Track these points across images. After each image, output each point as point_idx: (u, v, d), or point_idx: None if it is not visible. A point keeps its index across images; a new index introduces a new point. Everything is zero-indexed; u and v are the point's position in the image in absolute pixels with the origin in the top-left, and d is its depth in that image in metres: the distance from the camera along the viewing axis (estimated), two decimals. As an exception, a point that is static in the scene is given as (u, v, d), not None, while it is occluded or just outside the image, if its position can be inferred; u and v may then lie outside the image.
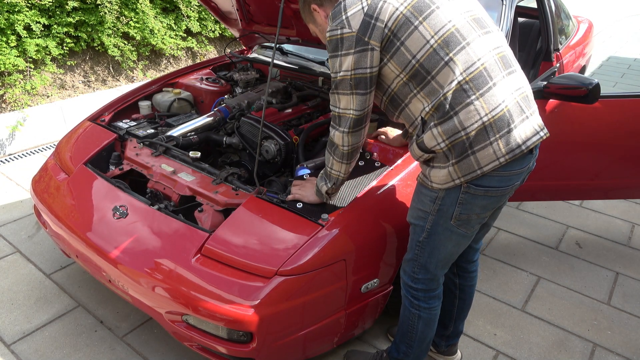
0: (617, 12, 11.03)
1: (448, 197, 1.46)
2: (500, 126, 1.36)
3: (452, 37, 1.35)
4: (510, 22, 2.58)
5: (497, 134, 1.36)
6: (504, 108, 1.36)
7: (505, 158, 1.38)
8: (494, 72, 1.38)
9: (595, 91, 2.20)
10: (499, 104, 1.36)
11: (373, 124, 2.25)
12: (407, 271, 1.66)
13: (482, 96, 1.35)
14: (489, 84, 1.36)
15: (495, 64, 1.39)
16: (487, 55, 1.38)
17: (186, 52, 5.21)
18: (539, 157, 1.54)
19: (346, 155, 1.54)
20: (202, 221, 1.81)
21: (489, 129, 1.35)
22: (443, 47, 1.34)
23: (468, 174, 1.40)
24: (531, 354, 2.09)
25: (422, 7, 1.35)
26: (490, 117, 1.35)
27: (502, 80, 1.38)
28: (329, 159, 1.60)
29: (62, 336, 2.07)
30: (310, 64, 2.82)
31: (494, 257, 2.70)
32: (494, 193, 1.45)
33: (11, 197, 3.09)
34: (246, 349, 1.59)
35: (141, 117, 2.58)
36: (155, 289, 1.65)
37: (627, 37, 8.61)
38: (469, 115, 1.35)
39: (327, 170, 1.62)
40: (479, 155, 1.37)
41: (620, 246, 2.86)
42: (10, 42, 3.63)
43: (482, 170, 1.39)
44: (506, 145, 1.37)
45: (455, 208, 1.46)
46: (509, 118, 1.37)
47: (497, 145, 1.37)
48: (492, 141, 1.36)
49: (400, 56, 1.36)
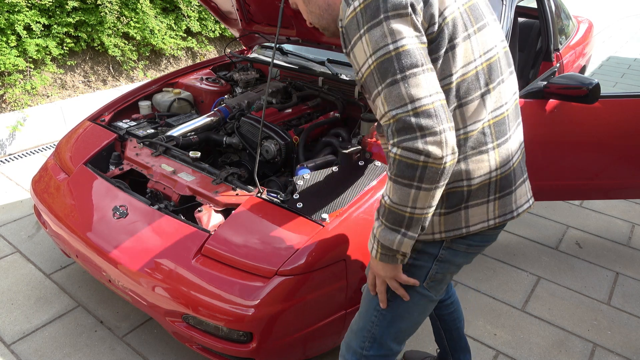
0: (617, 12, 11.03)
1: (426, 250, 1.21)
2: (504, 185, 1.17)
3: (495, 66, 1.13)
4: (510, 22, 2.58)
5: (497, 193, 1.17)
6: (512, 165, 1.18)
7: (495, 222, 1.19)
8: (511, 122, 1.18)
9: (595, 91, 2.20)
10: (510, 159, 1.17)
11: (373, 124, 2.25)
12: (353, 346, 1.31)
13: (499, 147, 1.14)
14: (507, 135, 1.16)
15: (514, 112, 1.19)
16: (511, 100, 1.18)
17: (186, 52, 5.21)
18: (539, 157, 1.54)
19: (447, 171, 1.00)
20: (202, 221, 1.81)
21: (493, 186, 1.16)
22: (486, 73, 1.11)
23: (452, 229, 1.17)
24: (531, 354, 2.09)
25: (477, 15, 1.11)
26: (499, 174, 1.15)
27: (515, 133, 1.20)
28: (406, 197, 1.01)
29: (62, 336, 2.07)
30: (310, 64, 2.82)
31: (494, 257, 2.70)
32: (474, 250, 1.25)
33: (11, 197, 3.08)
34: (246, 349, 1.59)
35: (141, 117, 2.58)
36: (155, 288, 1.65)
37: (627, 37, 8.61)
38: (479, 166, 1.13)
39: (407, 215, 1.04)
40: (471, 212, 1.17)
41: (620, 246, 2.86)
42: (10, 42, 3.63)
43: (468, 230, 1.18)
44: (501, 207, 1.19)
45: (432, 265, 1.22)
46: (513, 178, 1.19)
47: (492, 206, 1.18)
48: (490, 200, 1.17)
49: (443, 63, 1.05)
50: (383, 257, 1.11)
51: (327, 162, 2.10)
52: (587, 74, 5.57)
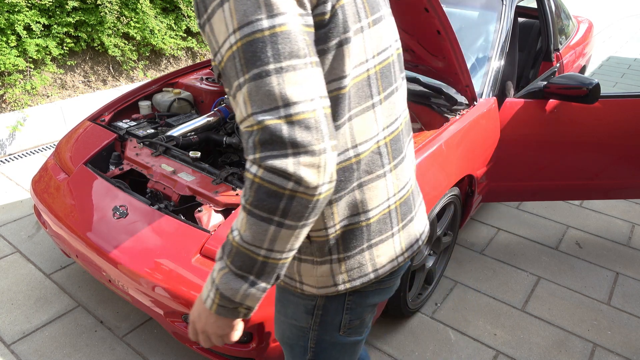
0: (617, 12, 11.03)
1: (330, 304, 0.99)
2: (405, 212, 0.97)
3: (389, 71, 0.89)
4: (510, 22, 2.58)
5: (400, 223, 0.96)
6: (410, 188, 0.98)
7: (405, 257, 0.99)
8: (405, 137, 0.97)
9: (595, 91, 2.20)
10: (407, 181, 0.96)
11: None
12: None
13: (395, 168, 0.93)
14: (403, 153, 0.95)
15: (407, 126, 0.99)
16: (404, 112, 0.97)
17: (186, 52, 5.21)
18: (539, 157, 1.53)
19: (319, 205, 0.74)
20: (202, 221, 1.81)
21: (394, 214, 0.95)
22: (379, 78, 0.87)
23: (358, 277, 0.94)
24: (531, 354, 2.09)
25: (372, 4, 0.85)
26: (398, 199, 0.95)
27: (408, 149, 1.00)
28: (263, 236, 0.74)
29: (62, 336, 2.07)
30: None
31: (494, 257, 2.70)
32: (388, 284, 1.03)
33: (11, 197, 3.08)
34: (246, 349, 1.59)
35: (141, 117, 2.58)
36: (155, 288, 1.65)
37: (627, 37, 8.61)
38: (376, 193, 0.90)
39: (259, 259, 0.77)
40: (376, 252, 0.94)
41: (620, 246, 2.86)
42: (10, 42, 3.63)
43: (377, 274, 0.95)
44: (407, 238, 0.99)
45: (342, 316, 1.01)
46: (412, 202, 1.00)
47: (398, 239, 0.97)
48: (394, 232, 0.96)
49: (335, 59, 0.79)
50: (220, 309, 0.82)
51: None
52: (587, 74, 5.57)
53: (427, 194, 1.90)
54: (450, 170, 2.03)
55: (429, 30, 1.87)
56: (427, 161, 1.94)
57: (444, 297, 2.38)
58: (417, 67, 2.26)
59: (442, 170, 1.99)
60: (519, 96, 2.44)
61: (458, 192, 2.20)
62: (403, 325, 2.20)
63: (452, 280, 2.50)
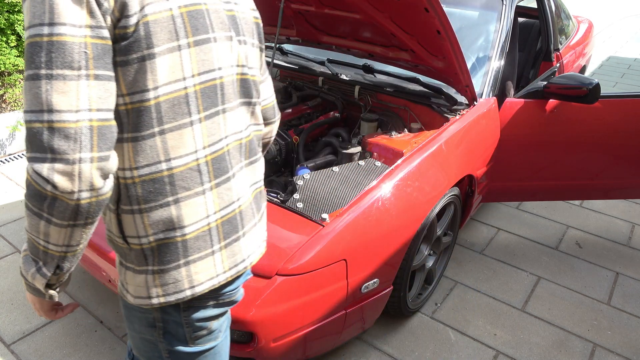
0: (617, 12, 11.03)
1: (167, 317, 1.00)
2: (228, 231, 0.99)
3: (213, 92, 0.93)
4: (510, 22, 2.58)
5: (222, 242, 0.98)
6: (236, 208, 1.01)
7: (227, 276, 1.00)
8: (234, 158, 1.00)
9: (595, 91, 2.20)
10: (232, 201, 1.00)
11: (373, 124, 2.25)
12: None
13: (217, 187, 0.96)
14: (229, 174, 0.99)
15: (239, 149, 1.02)
16: (237, 135, 1.01)
17: (186, 52, 5.21)
18: (539, 157, 1.53)
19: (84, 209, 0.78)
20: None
21: (215, 232, 0.97)
22: (199, 98, 0.90)
23: (173, 292, 0.94)
24: (531, 354, 2.09)
25: (199, 26, 0.89)
26: (220, 217, 0.97)
27: (241, 172, 1.03)
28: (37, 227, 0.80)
29: (62, 336, 2.07)
30: (310, 64, 2.82)
31: (494, 257, 2.70)
32: (229, 297, 1.06)
33: (11, 197, 3.08)
34: (246, 349, 1.59)
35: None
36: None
37: (627, 37, 8.61)
38: (194, 210, 0.93)
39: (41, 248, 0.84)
40: (194, 268, 0.95)
41: (620, 246, 2.86)
42: (10, 42, 3.63)
43: (194, 291, 0.96)
44: (230, 257, 1.00)
45: (183, 329, 1.02)
46: (239, 222, 1.02)
47: (220, 257, 0.98)
48: (215, 250, 0.97)
49: (138, 72, 0.82)
50: (29, 288, 0.90)
51: (327, 162, 2.10)
52: (587, 74, 5.57)
53: (427, 193, 1.90)
54: (450, 170, 2.03)
55: (429, 30, 1.87)
56: (427, 161, 1.94)
57: (444, 297, 2.38)
58: (417, 67, 2.27)
59: (442, 170, 1.99)
60: (519, 96, 2.44)
61: (458, 192, 2.20)
62: (403, 325, 2.20)
63: (452, 280, 2.50)
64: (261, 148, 1.20)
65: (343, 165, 1.92)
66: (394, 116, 2.33)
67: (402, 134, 2.15)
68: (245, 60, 1.02)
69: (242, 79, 1.01)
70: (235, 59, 0.99)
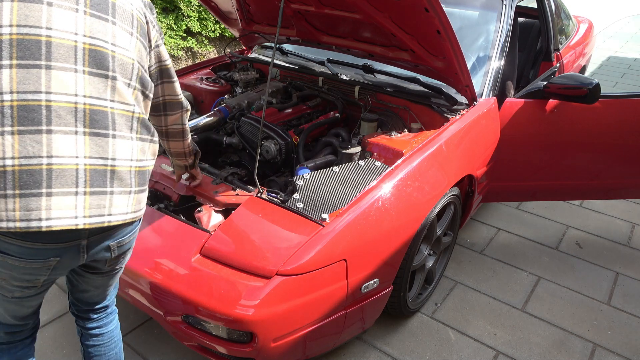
0: (617, 12, 11.03)
1: None
2: (26, 183, 1.03)
3: (34, 46, 1.03)
4: (510, 22, 2.58)
5: (16, 190, 1.02)
6: (43, 164, 1.04)
7: (16, 225, 1.03)
8: (60, 117, 1.06)
9: (595, 91, 2.20)
10: (39, 155, 1.04)
11: (373, 124, 2.25)
12: None
13: (21, 134, 1.02)
14: (41, 127, 1.04)
15: (71, 112, 1.07)
16: (66, 97, 1.07)
17: (186, 52, 5.21)
18: (539, 157, 1.52)
19: None
20: (202, 221, 1.81)
21: (9, 178, 1.02)
22: (13, 46, 1.01)
23: None
24: (531, 354, 2.09)
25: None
26: (17, 164, 1.02)
27: (71, 136, 1.07)
28: None
29: (61, 336, 2.07)
30: (310, 64, 2.82)
31: (494, 257, 2.70)
32: (17, 262, 1.11)
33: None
34: (246, 349, 1.59)
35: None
36: (155, 288, 1.65)
37: (627, 37, 8.61)
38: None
39: None
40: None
41: (620, 246, 2.86)
42: None
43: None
44: (23, 208, 1.03)
45: None
46: (44, 178, 1.05)
47: (11, 204, 1.03)
48: (7, 195, 1.02)
49: None
50: None
51: (327, 162, 2.10)
52: (587, 74, 5.57)
53: (427, 194, 1.90)
54: (450, 170, 2.03)
55: (429, 30, 1.87)
56: (427, 161, 1.94)
57: (444, 297, 2.38)
58: (417, 67, 2.27)
59: (442, 170, 1.99)
60: (519, 96, 2.44)
61: (458, 192, 2.20)
62: (403, 325, 2.20)
63: (452, 280, 2.50)
64: (149, 131, 1.24)
65: (343, 165, 1.92)
66: (394, 116, 2.33)
67: (402, 134, 2.15)
68: (103, 35, 1.11)
69: (91, 49, 1.09)
70: (82, 29, 1.08)
